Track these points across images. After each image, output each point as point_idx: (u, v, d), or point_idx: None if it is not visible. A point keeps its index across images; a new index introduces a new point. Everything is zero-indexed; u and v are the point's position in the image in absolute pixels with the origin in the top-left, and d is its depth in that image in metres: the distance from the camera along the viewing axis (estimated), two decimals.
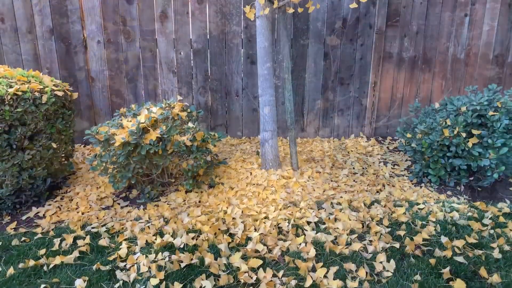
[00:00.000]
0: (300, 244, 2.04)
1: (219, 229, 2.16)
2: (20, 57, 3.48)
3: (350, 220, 2.27)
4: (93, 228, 2.23)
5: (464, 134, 2.56)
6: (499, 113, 2.60)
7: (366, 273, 1.82)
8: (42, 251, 2.00)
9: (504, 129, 2.59)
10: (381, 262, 1.89)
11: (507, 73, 3.89)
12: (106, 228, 2.21)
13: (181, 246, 2.03)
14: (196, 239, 2.08)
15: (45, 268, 1.87)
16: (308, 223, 2.26)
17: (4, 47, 3.44)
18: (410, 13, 3.72)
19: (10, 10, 3.37)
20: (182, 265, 1.87)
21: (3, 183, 2.34)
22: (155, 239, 2.09)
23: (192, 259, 1.91)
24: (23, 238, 2.14)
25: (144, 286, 1.75)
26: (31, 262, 1.89)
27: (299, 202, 2.51)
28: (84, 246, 2.04)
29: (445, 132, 2.61)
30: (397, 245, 2.03)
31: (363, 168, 3.13)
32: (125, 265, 1.89)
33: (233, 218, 2.29)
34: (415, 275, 1.81)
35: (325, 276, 1.80)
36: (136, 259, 1.92)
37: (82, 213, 2.44)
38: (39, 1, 3.37)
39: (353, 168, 3.12)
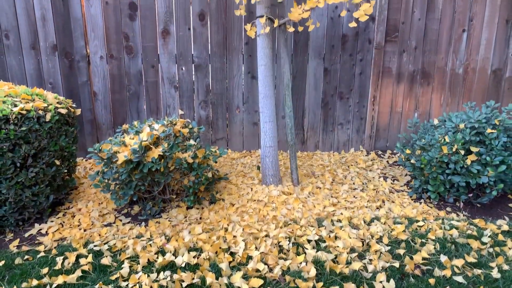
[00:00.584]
0: (300, 263, 2.06)
1: (220, 247, 2.18)
2: (24, 72, 3.52)
3: (350, 238, 2.29)
4: (95, 246, 2.24)
5: (462, 152, 2.59)
6: (497, 130, 2.63)
7: None
8: (45, 270, 2.02)
9: (502, 146, 2.62)
10: (381, 282, 1.91)
11: (505, 88, 3.93)
12: (108, 246, 2.23)
13: (183, 265, 2.04)
14: (198, 258, 2.10)
15: (48, 287, 1.89)
16: (309, 241, 2.28)
17: (8, 63, 3.49)
18: (408, 29, 3.77)
19: (14, 26, 3.42)
20: (184, 284, 1.88)
21: (6, 200, 2.36)
22: (157, 258, 2.11)
23: (193, 279, 1.92)
24: (26, 257, 2.15)
25: None
26: (34, 282, 1.90)
27: (299, 219, 2.53)
28: (86, 265, 2.05)
29: (444, 149, 2.64)
30: (396, 264, 2.04)
31: (363, 183, 3.16)
32: (127, 285, 1.91)
33: (234, 236, 2.31)
34: None
35: None
36: (138, 279, 1.93)
37: (84, 230, 2.46)
38: (43, 17, 3.42)
39: (353, 184, 3.14)
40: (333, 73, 3.82)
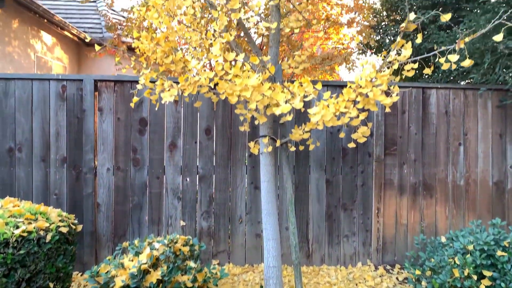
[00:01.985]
0: None
1: None
2: (31, 184, 3.59)
3: None
4: None
5: (475, 276, 2.47)
6: (507, 253, 2.54)
7: None
8: None
9: None
10: None
11: (509, 200, 3.93)
12: None
13: None
14: None
15: None
16: None
17: (17, 174, 3.57)
18: (406, 142, 3.91)
19: (28, 139, 3.59)
20: None
21: None
22: None
23: None
24: None
25: None
26: None
27: None
28: None
29: (455, 272, 2.53)
30: None
31: None
32: None
33: None
34: None
35: None
36: None
37: None
38: (57, 133, 3.61)
39: None
40: (335, 184, 3.86)
